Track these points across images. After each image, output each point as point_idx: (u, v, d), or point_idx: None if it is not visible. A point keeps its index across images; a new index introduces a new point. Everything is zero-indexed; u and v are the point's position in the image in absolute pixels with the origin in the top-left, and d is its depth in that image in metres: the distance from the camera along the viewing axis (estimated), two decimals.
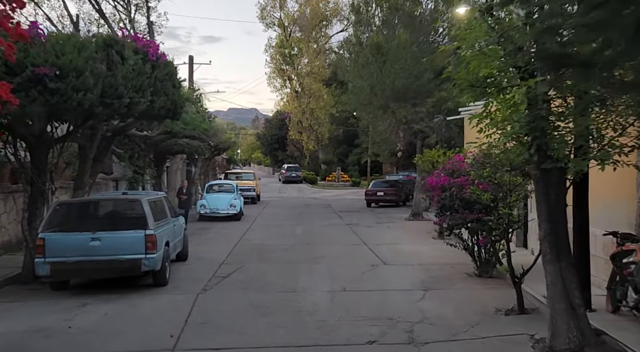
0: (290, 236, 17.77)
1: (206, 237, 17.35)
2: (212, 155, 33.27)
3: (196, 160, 29.50)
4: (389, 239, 16.85)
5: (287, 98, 67.41)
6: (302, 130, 64.21)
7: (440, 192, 10.98)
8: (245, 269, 11.93)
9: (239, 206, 22.56)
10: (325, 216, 25.26)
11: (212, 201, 22.48)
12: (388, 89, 22.30)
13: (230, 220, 22.24)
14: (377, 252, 14.12)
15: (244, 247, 15.12)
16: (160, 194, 11.27)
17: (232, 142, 33.65)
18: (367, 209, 29.00)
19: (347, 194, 44.16)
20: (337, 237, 17.42)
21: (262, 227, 20.40)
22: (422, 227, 20.02)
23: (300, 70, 64.99)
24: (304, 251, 14.48)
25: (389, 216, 24.36)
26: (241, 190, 31.24)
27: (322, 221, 22.51)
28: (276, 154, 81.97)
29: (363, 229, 19.69)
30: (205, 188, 23.75)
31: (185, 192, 18.28)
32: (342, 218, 23.86)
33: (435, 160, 16.95)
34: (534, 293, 8.53)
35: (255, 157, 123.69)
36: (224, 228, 19.85)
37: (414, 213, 22.48)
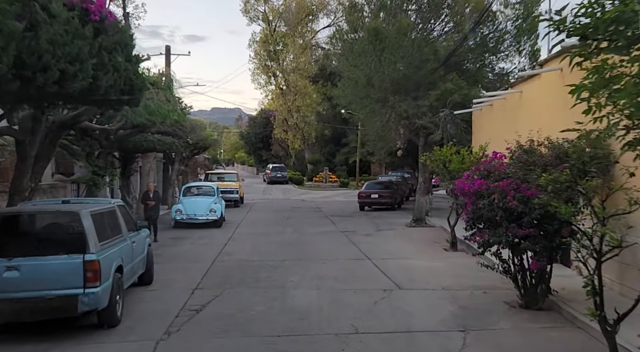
0: (279, 247, 15.27)
1: (179, 251, 14.76)
2: (191, 154, 30.60)
3: (173, 159, 26.87)
4: (394, 252, 14.43)
5: (272, 95, 64.80)
6: (287, 128, 61.69)
7: (475, 199, 8.58)
8: (225, 297, 9.40)
9: (219, 211, 20.00)
10: (316, 221, 22.80)
11: (189, 205, 19.89)
12: (387, 80, 19.89)
13: (209, 227, 19.66)
14: (385, 270, 11.69)
15: (224, 264, 12.58)
16: (112, 203, 8.69)
17: (213, 140, 31.00)
18: (361, 212, 26.60)
19: (335, 195, 41.76)
20: (333, 249, 14.96)
21: (246, 236, 17.87)
22: (428, 236, 17.66)
23: (286, 66, 62.46)
24: (296, 269, 11.99)
25: (388, 222, 21.97)
26: (223, 192, 28.72)
27: (314, 228, 20.05)
28: (260, 153, 79.36)
29: (361, 238, 17.25)
30: (182, 191, 21.14)
31: (152, 197, 15.54)
32: (335, 224, 21.41)
33: (447, 160, 14.58)
34: (629, 347, 6.13)
35: (239, 157, 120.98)
36: (202, 237, 17.27)
37: (417, 219, 20.13)
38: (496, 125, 16.33)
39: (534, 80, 13.09)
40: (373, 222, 22.14)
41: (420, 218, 20.07)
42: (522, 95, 13.94)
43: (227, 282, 10.60)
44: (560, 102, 11.17)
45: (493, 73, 22.05)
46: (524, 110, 13.68)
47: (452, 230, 14.75)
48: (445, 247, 14.96)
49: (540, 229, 7.74)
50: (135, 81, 7.76)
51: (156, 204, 15.49)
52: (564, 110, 11.55)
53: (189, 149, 28.49)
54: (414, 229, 19.41)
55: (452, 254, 14.01)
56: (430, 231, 18.84)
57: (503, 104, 15.63)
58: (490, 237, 8.18)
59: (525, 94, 13.71)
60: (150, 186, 15.63)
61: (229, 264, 12.55)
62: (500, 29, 21.37)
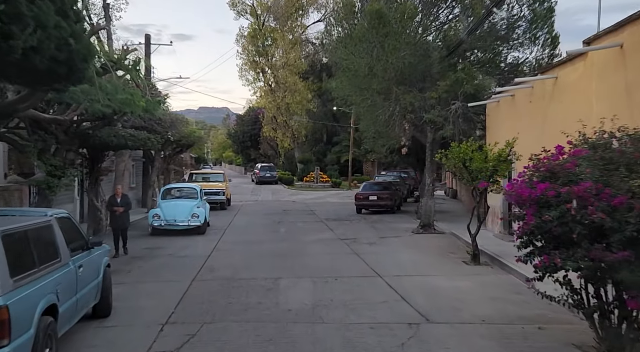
0: (271, 260, 13.05)
1: (154, 265, 12.48)
2: (173, 153, 28.28)
3: (153, 158, 24.54)
4: (407, 266, 12.27)
5: (261, 92, 62.43)
6: (276, 126, 59.43)
7: (536, 209, 6.43)
8: (203, 337, 7.15)
9: (203, 216, 17.73)
10: (311, 226, 20.60)
11: (169, 209, 17.60)
12: (391, 69, 17.74)
13: (191, 234, 17.39)
14: (403, 292, 9.53)
15: (206, 285, 10.33)
16: (49, 215, 6.43)
17: (197, 137, 28.65)
18: (358, 216, 24.44)
19: (328, 196, 39.61)
20: (335, 262, 12.75)
21: (233, 245, 15.63)
22: (440, 245, 15.53)
23: (275, 62, 60.14)
24: (294, 291, 9.79)
25: (390, 227, 19.82)
26: (208, 194, 26.50)
27: (309, 235, 17.86)
28: (248, 152, 77.10)
29: (365, 247, 15.09)
30: (161, 193, 18.82)
31: (120, 202, 13.13)
32: (332, 230, 19.22)
33: (468, 158, 12.45)
34: None
35: (227, 156, 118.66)
36: (182, 247, 15.00)
37: (424, 224, 17.99)
38: (519, 119, 14.26)
39: (575, 63, 10.99)
40: (374, 227, 19.99)
41: (427, 223, 17.95)
42: (557, 82, 11.85)
43: (208, 311, 8.36)
44: (621, 86, 9.13)
45: (505, 63, 19.98)
46: (561, 99, 11.59)
47: (473, 240, 12.63)
48: (465, 259, 12.84)
49: (638, 251, 5.61)
50: (75, 46, 5.52)
51: (125, 211, 13.10)
52: (625, 95, 9.61)
53: (170, 146, 26.20)
54: (422, 236, 17.27)
55: (476, 270, 11.87)
56: (441, 239, 16.73)
57: (529, 93, 13.54)
58: (563, 261, 6.02)
59: (563, 79, 11.61)
60: (117, 189, 13.20)
61: (212, 285, 10.31)
62: (513, 15, 19.32)
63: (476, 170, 12.35)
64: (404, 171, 39.03)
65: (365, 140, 23.55)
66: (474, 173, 12.50)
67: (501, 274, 11.27)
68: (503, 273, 11.34)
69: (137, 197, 26.44)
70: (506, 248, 13.63)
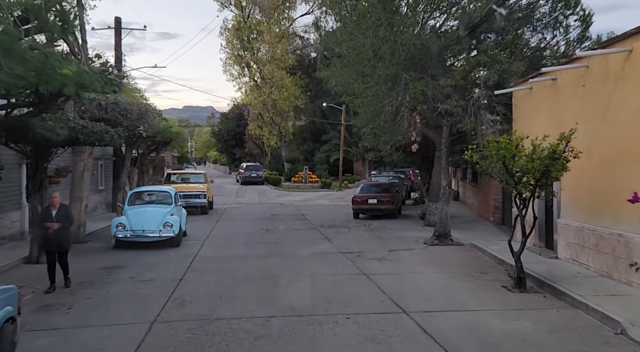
0: (260, 288, 10.22)
1: (104, 297, 9.53)
2: (148, 151, 25.33)
3: (123, 156, 21.58)
4: (436, 294, 9.52)
5: (246, 88, 59.43)
6: (262, 124, 56.58)
7: None
8: None
9: (177, 225, 14.86)
10: (305, 234, 17.83)
11: (136, 217, 14.71)
12: (400, 52, 15.05)
13: (163, 247, 14.55)
14: (448, 343, 6.79)
15: (170, 333, 7.44)
16: None
17: (174, 133, 25.67)
18: (356, 221, 21.72)
19: (318, 197, 36.88)
20: (343, 289, 9.92)
21: (212, 263, 12.77)
22: (464, 261, 12.84)
23: (261, 56, 57.21)
24: (294, 340, 6.99)
25: (397, 237, 17.11)
26: (188, 197, 23.73)
27: (303, 246, 15.08)
28: (233, 151, 74.20)
29: (374, 265, 12.34)
30: (128, 198, 15.89)
31: (56, 216, 9.89)
32: (330, 240, 16.47)
33: (511, 155, 9.76)
34: None
35: (211, 155, 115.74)
36: (148, 267, 12.12)
37: (439, 234, 15.29)
38: (565, 107, 11.63)
39: None
40: (377, 236, 17.27)
41: (443, 233, 15.24)
42: (632, 56, 9.19)
43: None
44: None
45: (528, 47, 17.38)
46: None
47: (517, 260, 9.93)
48: (505, 283, 10.16)
49: None
50: None
51: (64, 228, 9.92)
52: None
53: (144, 143, 23.26)
54: (439, 249, 14.57)
55: (526, 300, 9.16)
56: (462, 253, 14.05)
57: (582, 75, 10.90)
58: None
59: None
60: (54, 198, 9.90)
61: (179, 330, 7.45)
62: None
63: (522, 170, 9.69)
64: (400, 171, 36.47)
65: (364, 137, 20.80)
66: (517, 175, 9.84)
67: (563, 307, 8.58)
68: (565, 306, 8.65)
69: (107, 200, 23.46)
70: (552, 267, 11.02)
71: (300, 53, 62.89)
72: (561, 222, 11.81)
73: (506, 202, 18.33)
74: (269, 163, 58.85)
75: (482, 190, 22.06)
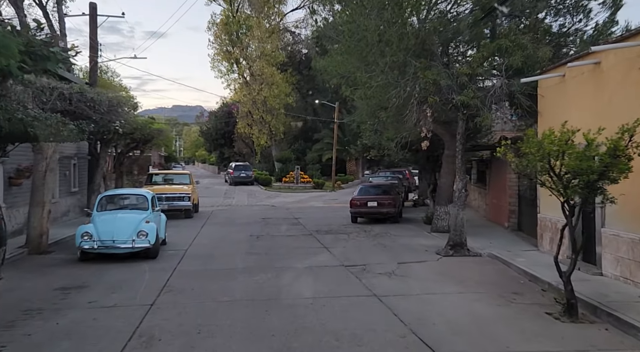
0: (249, 318, 8.26)
1: (49, 333, 7.44)
2: (127, 149, 23.27)
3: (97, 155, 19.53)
4: (470, 326, 7.57)
5: (235, 85, 57.32)
6: (252, 122, 54.52)
7: None
8: None
9: (153, 233, 12.86)
10: (300, 242, 15.91)
11: (106, 225, 12.70)
12: (409, 36, 13.19)
13: (137, 259, 12.57)
14: None
15: None
16: None
17: (156, 130, 23.61)
18: (355, 226, 19.85)
19: (311, 199, 34.99)
20: (352, 318, 7.95)
21: (192, 280, 10.79)
22: (488, 276, 10.99)
23: (250, 52, 55.14)
24: None
25: (404, 245, 15.23)
26: (170, 199, 21.82)
27: (299, 257, 13.16)
28: (222, 151, 72.14)
29: (384, 282, 10.43)
30: (97, 202, 13.84)
31: None
32: (328, 249, 14.56)
33: (558, 153, 7.90)
34: None
35: (200, 155, 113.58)
36: (114, 286, 10.12)
37: (455, 243, 13.39)
38: (612, 96, 9.80)
39: None
40: (381, 244, 15.40)
41: (459, 242, 13.36)
42: None
43: None
44: None
45: (550, 33, 15.55)
46: None
47: (567, 283, 8.04)
48: (548, 308, 8.31)
49: None
50: None
51: None
52: None
53: (122, 141, 21.22)
54: (456, 261, 12.68)
55: (587, 335, 7.26)
56: (483, 266, 12.18)
57: (636, 56, 9.07)
58: None
59: None
60: None
61: None
62: None
63: (573, 171, 7.83)
64: (397, 171, 34.66)
65: (364, 134, 18.93)
66: (566, 177, 7.98)
67: (638, 347, 6.73)
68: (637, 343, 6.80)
69: (81, 203, 21.36)
70: (600, 287, 9.19)
71: (291, 49, 60.92)
72: (607, 232, 9.97)
73: (523, 205, 16.52)
74: (259, 163, 56.87)
75: (492, 191, 20.25)
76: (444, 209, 17.24)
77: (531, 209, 15.49)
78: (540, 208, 13.02)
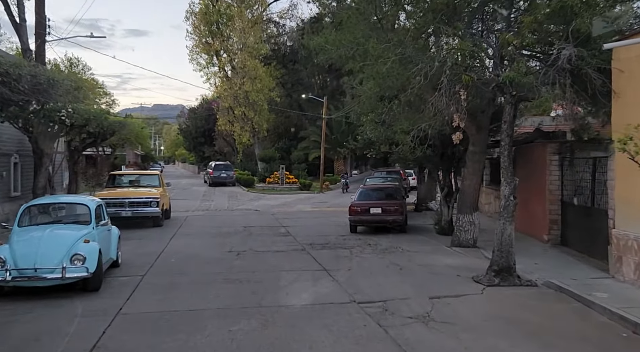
0: None
1: None
2: (82, 146, 19.62)
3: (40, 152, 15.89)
4: None
5: (215, 79, 53.56)
6: (233, 119, 50.91)
7: None
8: None
9: (94, 257, 9.36)
10: (292, 262, 12.51)
11: (25, 247, 9.17)
12: None
13: (69, 294, 9.09)
14: None
15: None
16: None
17: (117, 123, 19.97)
18: (355, 237, 16.52)
19: (298, 201, 31.62)
20: None
21: (139, 335, 7.34)
22: (572, 325, 7.69)
23: (232, 44, 51.50)
24: None
25: (426, 266, 11.88)
26: (134, 205, 18.36)
27: (293, 289, 9.79)
28: (202, 149, 68.46)
29: (424, 337, 7.07)
30: (18, 215, 10.27)
31: None
32: (329, 273, 11.18)
33: None
34: None
35: (180, 154, 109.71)
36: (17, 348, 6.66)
37: (500, 267, 10.00)
38: None
39: None
40: (395, 264, 12.06)
41: (507, 267, 9.99)
42: None
43: None
44: None
45: None
46: None
47: None
48: None
49: None
50: None
51: None
52: None
53: (77, 135, 17.60)
54: (509, 295, 9.32)
55: None
56: (550, 303, 8.84)
57: None
58: None
59: None
60: None
61: None
62: None
63: None
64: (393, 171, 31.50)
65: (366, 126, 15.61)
66: None
67: None
68: None
69: None
70: None
71: (275, 41, 57.49)
72: None
73: (569, 214, 13.32)
74: (241, 162, 53.33)
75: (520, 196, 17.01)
76: (468, 218, 13.99)
77: (584, 220, 12.31)
78: (615, 221, 9.80)
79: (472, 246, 13.95)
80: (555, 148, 13.54)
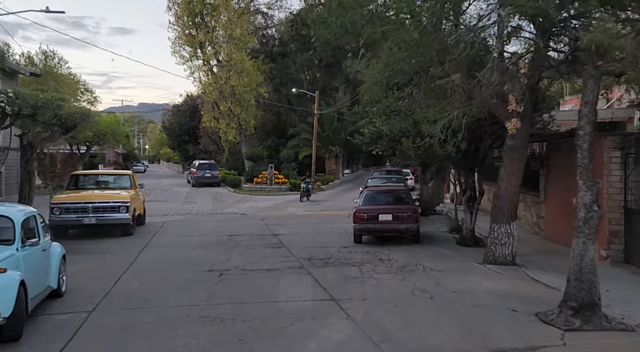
0: None
1: None
2: (40, 140, 16.64)
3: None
4: None
5: (199, 73, 50.47)
6: (219, 116, 47.95)
7: None
8: None
9: (11, 294, 6.54)
10: (289, 286, 9.75)
11: None
12: None
13: None
14: None
15: None
16: None
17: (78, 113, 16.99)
18: (361, 249, 13.82)
19: (289, 204, 28.87)
20: None
21: None
22: None
23: (217, 36, 48.52)
24: None
25: (463, 294, 9.13)
26: (99, 210, 15.58)
27: (296, 336, 7.03)
28: (186, 148, 65.41)
29: None
30: None
31: None
32: (339, 303, 8.42)
33: None
34: None
35: (164, 153, 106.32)
36: None
37: (581, 304, 7.24)
38: None
39: None
40: (422, 290, 9.34)
41: (590, 303, 7.24)
42: None
43: None
44: None
45: None
46: None
47: None
48: None
49: None
50: None
51: None
52: None
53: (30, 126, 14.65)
54: (601, 345, 6.62)
55: None
56: None
57: None
58: None
59: None
60: None
61: None
62: None
63: None
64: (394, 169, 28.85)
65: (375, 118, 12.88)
66: None
67: None
68: None
69: None
70: None
71: (263, 34, 54.66)
72: None
73: (635, 224, 10.67)
74: (227, 161, 50.42)
75: (552, 200, 14.43)
76: (505, 228, 11.33)
77: None
78: None
79: (510, 263, 11.30)
80: (617, 142, 10.90)
